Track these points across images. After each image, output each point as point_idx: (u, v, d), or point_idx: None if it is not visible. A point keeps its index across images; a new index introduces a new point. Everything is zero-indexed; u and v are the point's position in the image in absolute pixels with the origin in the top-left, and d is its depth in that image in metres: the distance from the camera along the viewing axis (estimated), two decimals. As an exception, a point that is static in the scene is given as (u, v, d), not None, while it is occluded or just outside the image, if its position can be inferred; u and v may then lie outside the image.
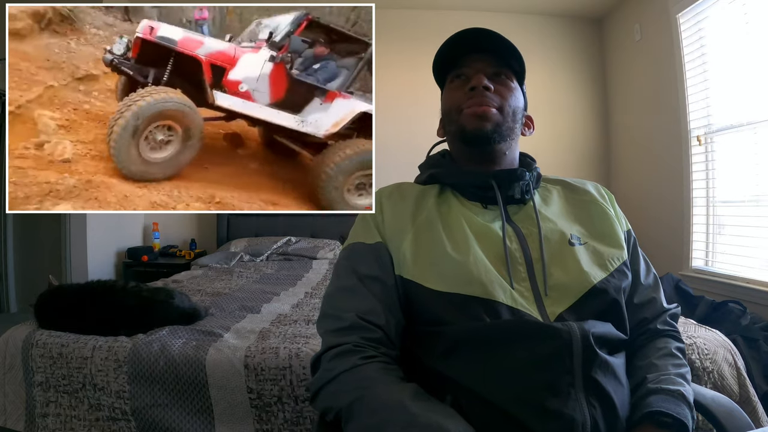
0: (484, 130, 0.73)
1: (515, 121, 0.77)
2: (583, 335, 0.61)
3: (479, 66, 0.76)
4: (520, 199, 0.76)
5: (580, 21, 3.46)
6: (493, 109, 0.74)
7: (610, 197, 0.82)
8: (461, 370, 0.62)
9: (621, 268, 0.72)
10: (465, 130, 0.75)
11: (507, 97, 0.76)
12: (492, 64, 0.77)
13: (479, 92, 0.74)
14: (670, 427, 0.61)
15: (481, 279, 0.65)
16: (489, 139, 0.74)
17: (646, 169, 3.02)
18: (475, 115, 0.74)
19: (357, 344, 0.64)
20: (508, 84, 0.77)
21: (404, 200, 0.76)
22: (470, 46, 0.77)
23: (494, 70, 0.77)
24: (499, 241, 0.70)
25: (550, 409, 0.58)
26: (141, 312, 1.36)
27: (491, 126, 0.74)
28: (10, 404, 1.27)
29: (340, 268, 0.73)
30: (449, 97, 0.79)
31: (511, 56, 0.77)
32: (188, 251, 3.09)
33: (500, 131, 0.74)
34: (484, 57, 0.77)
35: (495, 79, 0.76)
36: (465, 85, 0.76)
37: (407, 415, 0.55)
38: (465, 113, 0.75)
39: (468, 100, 0.75)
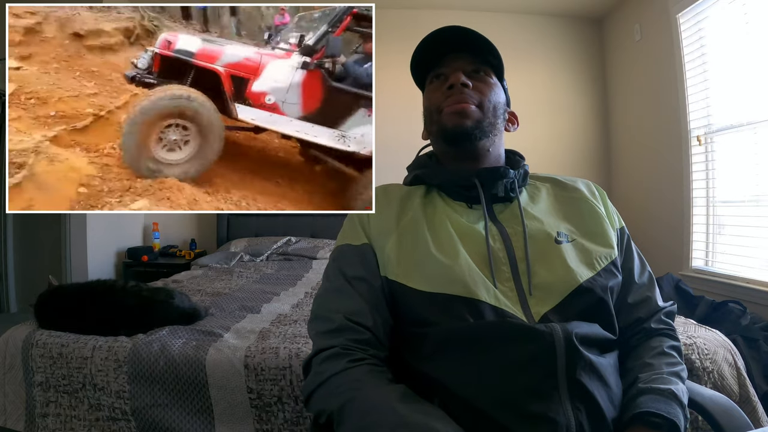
0: (464, 126, 0.74)
1: (496, 117, 0.77)
2: (566, 336, 0.61)
3: (457, 65, 0.77)
4: (505, 197, 0.75)
5: (580, 21, 3.46)
6: (472, 105, 0.74)
7: (601, 194, 0.82)
8: (447, 372, 0.62)
9: (609, 268, 0.71)
10: (446, 128, 0.75)
11: (486, 93, 0.76)
12: (470, 61, 0.77)
13: (458, 90, 0.74)
14: (660, 427, 0.60)
15: (464, 278, 0.65)
16: (470, 136, 0.74)
17: (646, 169, 3.02)
18: (454, 112, 0.74)
19: (345, 347, 0.64)
20: (487, 80, 0.77)
21: (389, 202, 0.76)
22: (448, 46, 0.78)
23: (473, 68, 0.77)
24: (483, 241, 0.70)
25: (534, 412, 0.58)
26: (141, 312, 1.36)
27: (471, 123, 0.74)
28: (10, 404, 1.27)
29: (329, 270, 0.74)
30: (429, 98, 0.79)
31: (489, 52, 0.78)
32: (188, 251, 3.10)
33: (481, 127, 0.74)
34: (462, 55, 0.77)
35: (473, 76, 0.76)
36: (444, 84, 0.76)
37: (396, 416, 0.55)
38: (445, 112, 0.75)
39: (447, 99, 0.75)
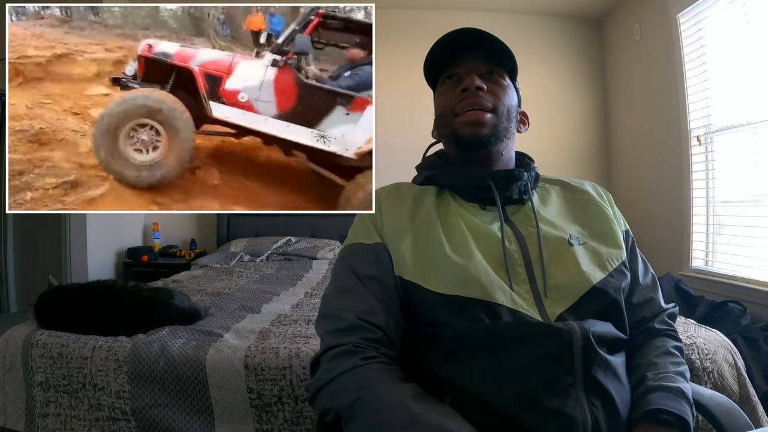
0: (480, 135, 0.73)
1: (510, 121, 0.76)
2: (583, 334, 0.61)
3: (471, 66, 0.76)
4: (518, 199, 0.75)
5: (580, 21, 3.46)
6: (487, 114, 0.73)
7: (608, 197, 0.82)
8: (461, 371, 0.62)
9: (620, 268, 0.72)
10: (460, 135, 0.74)
11: (500, 96, 0.75)
12: (484, 62, 0.76)
13: (472, 93, 0.73)
14: (671, 424, 0.61)
15: (480, 281, 0.65)
16: (485, 144, 0.74)
17: (646, 169, 3.02)
18: (469, 122, 0.73)
19: (357, 345, 0.64)
20: (501, 82, 0.77)
21: (402, 200, 0.75)
22: (461, 46, 0.77)
23: (486, 69, 0.76)
24: (498, 243, 0.70)
25: (551, 408, 0.58)
26: (141, 312, 1.36)
27: (487, 131, 0.73)
28: (10, 404, 1.27)
29: (339, 269, 0.73)
30: (442, 99, 0.78)
31: (503, 54, 0.77)
32: (188, 251, 3.09)
33: (496, 133, 0.74)
34: (476, 56, 0.76)
35: (487, 78, 0.76)
36: (457, 86, 0.76)
37: (408, 415, 0.55)
38: (459, 120, 0.74)
39: (460, 102, 0.74)
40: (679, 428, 0.61)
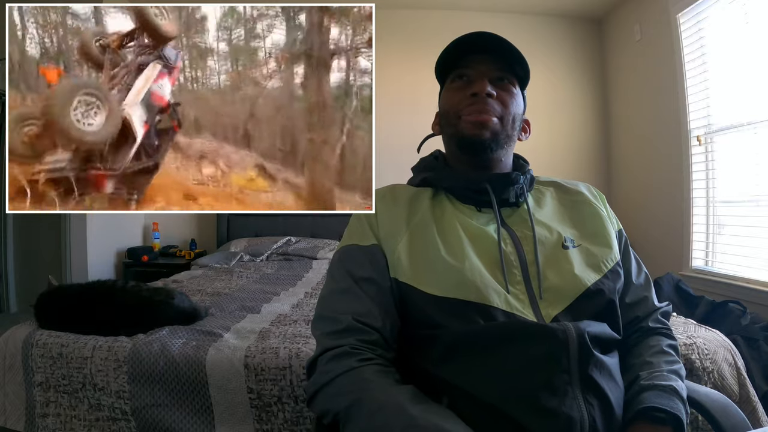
0: (482, 138, 0.73)
1: (513, 129, 0.76)
2: (578, 334, 0.61)
3: (483, 69, 0.75)
4: (513, 202, 0.75)
5: (580, 21, 3.46)
6: (493, 118, 0.73)
7: (601, 198, 0.83)
8: (457, 372, 0.62)
9: (614, 269, 0.73)
10: (463, 136, 0.74)
11: (508, 104, 0.75)
12: (496, 67, 0.75)
13: (481, 99, 0.73)
14: (664, 422, 0.61)
15: (476, 283, 0.65)
16: (486, 148, 0.74)
17: (646, 169, 3.02)
18: (474, 122, 0.73)
19: (354, 346, 0.64)
20: (511, 90, 0.76)
21: (398, 202, 0.75)
22: (476, 47, 0.76)
23: (498, 74, 0.75)
24: (494, 245, 0.70)
25: (548, 407, 0.58)
26: (141, 312, 1.36)
27: (490, 135, 0.73)
28: (10, 404, 1.27)
29: (335, 270, 0.73)
30: (449, 98, 0.78)
31: (516, 61, 0.76)
32: (188, 251, 3.09)
33: (498, 140, 0.74)
34: (488, 58, 0.75)
35: (498, 84, 0.75)
36: (466, 87, 0.75)
37: (406, 417, 0.55)
38: (464, 120, 0.74)
39: (468, 106, 0.74)
40: (672, 426, 0.61)
